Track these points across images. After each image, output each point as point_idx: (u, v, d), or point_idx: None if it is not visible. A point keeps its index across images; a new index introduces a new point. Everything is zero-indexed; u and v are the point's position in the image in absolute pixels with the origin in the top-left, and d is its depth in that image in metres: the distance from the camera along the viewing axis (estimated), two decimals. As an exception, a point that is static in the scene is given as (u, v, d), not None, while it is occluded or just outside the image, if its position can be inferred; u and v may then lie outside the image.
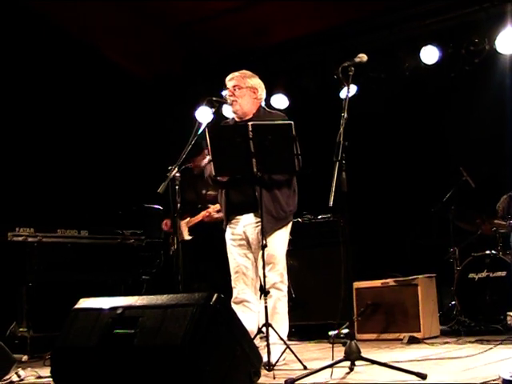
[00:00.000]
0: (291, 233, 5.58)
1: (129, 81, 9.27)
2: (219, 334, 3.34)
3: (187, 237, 7.20)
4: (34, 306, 6.71)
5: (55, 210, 7.25)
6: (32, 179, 7.78)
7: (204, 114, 6.19)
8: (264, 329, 4.92)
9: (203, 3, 8.46)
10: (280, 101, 8.98)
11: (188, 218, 7.27)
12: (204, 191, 7.27)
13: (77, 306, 3.75)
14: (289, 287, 6.77)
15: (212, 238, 6.89)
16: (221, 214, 6.63)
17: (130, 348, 3.34)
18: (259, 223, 5.13)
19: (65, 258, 6.92)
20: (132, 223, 7.49)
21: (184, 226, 7.19)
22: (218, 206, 6.67)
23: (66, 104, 8.42)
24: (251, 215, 5.30)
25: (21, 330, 6.55)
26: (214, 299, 3.33)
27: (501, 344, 5.63)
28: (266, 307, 4.92)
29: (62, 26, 8.43)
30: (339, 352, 4.40)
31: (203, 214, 7.18)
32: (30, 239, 6.70)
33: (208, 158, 5.21)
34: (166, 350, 3.24)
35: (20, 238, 6.66)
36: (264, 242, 4.96)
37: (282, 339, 5.00)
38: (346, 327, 5.84)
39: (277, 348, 4.97)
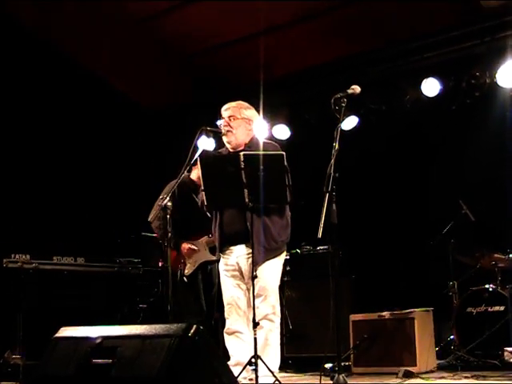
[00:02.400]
0: (289, 264, 5.56)
1: (131, 109, 9.31)
2: (197, 366, 3.31)
3: (211, 257, 6.62)
4: (28, 334, 6.68)
5: (52, 236, 7.25)
6: (29, 206, 7.79)
7: (204, 143, 6.18)
8: (253, 360, 4.87)
9: (210, 35, 8.55)
10: (282, 131, 9.01)
11: (206, 237, 6.70)
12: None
13: (57, 335, 3.74)
14: (286, 318, 6.77)
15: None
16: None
17: (107, 378, 3.31)
18: (250, 254, 5.11)
19: (61, 286, 6.90)
20: (130, 251, 7.47)
21: (202, 245, 6.75)
22: None
23: (66, 130, 8.47)
24: (243, 246, 5.28)
25: (14, 357, 6.51)
26: (192, 331, 3.30)
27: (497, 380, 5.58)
28: (255, 339, 4.88)
29: (70, 55, 8.51)
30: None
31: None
32: (25, 266, 6.69)
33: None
34: (143, 382, 3.21)
35: (16, 265, 6.65)
36: (254, 273, 4.94)
37: (271, 372, 4.95)
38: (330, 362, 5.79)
39: (266, 381, 4.92)
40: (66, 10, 7.96)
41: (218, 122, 5.46)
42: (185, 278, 6.81)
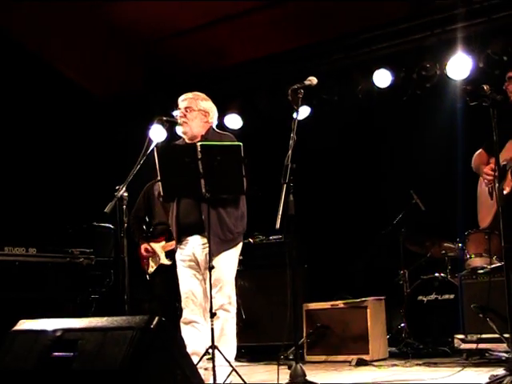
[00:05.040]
0: (242, 253, 5.57)
1: (82, 97, 9.19)
2: (159, 358, 3.30)
3: (165, 261, 6.85)
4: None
5: (2, 227, 7.10)
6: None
7: (157, 133, 6.15)
8: (210, 350, 4.89)
9: (162, 23, 8.48)
10: (234, 121, 9.00)
11: (163, 242, 6.93)
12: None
13: (15, 328, 3.68)
14: (239, 308, 6.78)
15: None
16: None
17: (68, 372, 3.28)
18: (206, 245, 5.13)
19: (12, 277, 6.78)
20: (82, 242, 7.38)
21: (160, 249, 6.95)
22: None
23: (16, 118, 8.32)
24: (198, 237, 5.28)
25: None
26: (154, 323, 3.29)
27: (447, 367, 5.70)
28: (212, 329, 4.90)
29: (18, 39, 8.35)
30: (287, 374, 4.39)
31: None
32: (-25, 257, 6.56)
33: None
34: (105, 375, 3.18)
35: (-35, 256, 6.52)
36: (211, 263, 4.94)
37: (228, 361, 4.96)
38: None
39: (223, 370, 4.93)
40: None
41: (175, 113, 5.42)
42: (147, 276, 6.92)
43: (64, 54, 8.81)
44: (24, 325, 3.67)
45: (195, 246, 5.32)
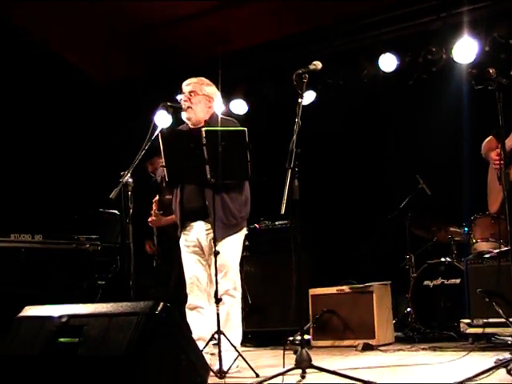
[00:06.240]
0: (248, 239, 5.58)
1: (88, 85, 9.19)
2: (164, 344, 3.31)
3: None
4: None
5: (9, 214, 7.12)
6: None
7: (162, 119, 6.14)
8: (216, 336, 4.90)
9: (165, 8, 8.44)
10: (239, 106, 8.98)
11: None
12: (164, 195, 7.12)
13: (21, 314, 3.69)
14: (245, 293, 6.79)
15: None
16: (168, 218, 6.61)
17: (73, 357, 3.29)
18: (210, 230, 5.17)
19: (18, 263, 6.79)
20: (88, 228, 7.39)
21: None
22: (154, 208, 6.60)
23: (21, 105, 8.31)
24: (202, 222, 5.29)
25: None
26: (159, 308, 3.30)
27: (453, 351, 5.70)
28: (218, 314, 4.91)
29: (21, 27, 8.33)
30: (293, 359, 4.40)
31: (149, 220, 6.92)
32: (-19, 244, 6.57)
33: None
34: (110, 360, 3.19)
35: (-29, 243, 6.53)
36: (215, 249, 4.95)
37: (233, 346, 4.98)
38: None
39: (229, 355, 4.95)
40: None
41: (179, 97, 5.41)
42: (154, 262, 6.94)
43: (65, 41, 8.77)
44: (30, 311, 3.69)
45: (199, 231, 5.33)
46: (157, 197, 6.64)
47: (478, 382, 3.97)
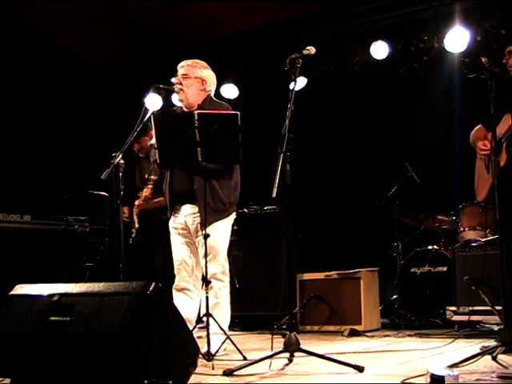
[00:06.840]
0: (236, 223, 5.58)
1: (77, 66, 9.14)
2: (155, 324, 3.31)
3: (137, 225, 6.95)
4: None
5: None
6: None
7: (153, 101, 6.14)
8: (204, 318, 4.91)
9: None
10: (230, 91, 8.97)
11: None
12: (147, 175, 7.09)
13: (12, 292, 3.68)
14: (232, 277, 6.80)
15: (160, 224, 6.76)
16: (156, 200, 6.63)
17: (64, 336, 3.29)
18: (197, 214, 5.20)
19: (6, 243, 6.78)
20: (76, 209, 7.38)
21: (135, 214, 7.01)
22: (145, 194, 6.64)
23: (12, 84, 8.27)
24: (189, 206, 5.30)
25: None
26: (151, 288, 3.30)
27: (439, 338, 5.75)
28: (207, 297, 4.92)
29: (14, 8, 8.28)
30: (280, 343, 4.42)
31: (136, 203, 6.94)
32: (-31, 223, 6.56)
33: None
34: (101, 339, 3.19)
35: (-40, 223, 6.52)
36: (205, 232, 4.96)
37: (222, 329, 5.00)
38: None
39: (217, 338, 4.97)
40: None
41: (173, 79, 5.40)
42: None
43: (59, 22, 8.71)
44: (21, 289, 3.68)
45: (186, 214, 5.33)
46: (150, 185, 6.65)
47: (464, 367, 4.01)
